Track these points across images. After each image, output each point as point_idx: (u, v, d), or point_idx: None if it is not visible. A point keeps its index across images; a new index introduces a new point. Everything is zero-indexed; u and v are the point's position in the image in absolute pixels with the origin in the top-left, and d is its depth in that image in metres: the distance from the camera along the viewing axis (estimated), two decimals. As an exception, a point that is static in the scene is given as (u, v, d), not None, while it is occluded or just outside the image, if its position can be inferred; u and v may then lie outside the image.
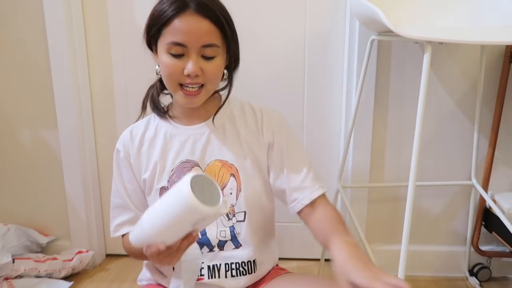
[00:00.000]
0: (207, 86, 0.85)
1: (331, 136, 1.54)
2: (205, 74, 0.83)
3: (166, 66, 0.83)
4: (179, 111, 0.94)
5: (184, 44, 0.80)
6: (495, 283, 1.51)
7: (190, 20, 0.80)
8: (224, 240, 0.90)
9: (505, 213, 1.32)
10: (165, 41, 0.82)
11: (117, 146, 0.95)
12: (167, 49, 0.82)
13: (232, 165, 0.90)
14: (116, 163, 0.95)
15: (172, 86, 0.85)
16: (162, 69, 0.85)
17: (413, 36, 0.89)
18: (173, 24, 0.80)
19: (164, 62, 0.83)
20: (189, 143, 0.91)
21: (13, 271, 1.41)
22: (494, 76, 1.40)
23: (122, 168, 0.94)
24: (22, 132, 1.59)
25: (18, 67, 1.52)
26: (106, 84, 1.55)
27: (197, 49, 0.81)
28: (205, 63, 0.82)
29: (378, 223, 1.57)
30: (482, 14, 1.18)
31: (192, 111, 0.92)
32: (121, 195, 0.94)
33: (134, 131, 0.95)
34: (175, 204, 0.67)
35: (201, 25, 0.80)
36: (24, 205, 1.65)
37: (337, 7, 1.43)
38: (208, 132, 0.91)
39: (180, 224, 0.69)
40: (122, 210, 0.94)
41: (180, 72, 0.82)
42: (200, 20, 0.80)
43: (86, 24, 1.50)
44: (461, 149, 1.48)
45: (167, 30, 0.81)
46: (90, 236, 1.63)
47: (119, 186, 0.94)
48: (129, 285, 1.51)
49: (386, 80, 1.44)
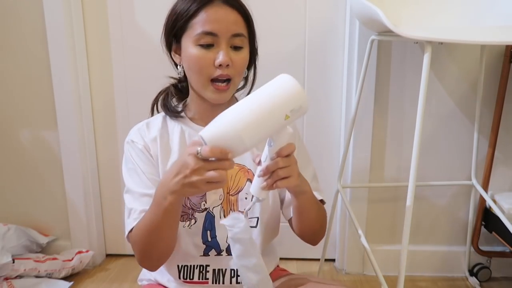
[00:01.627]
0: (234, 80, 0.84)
1: (331, 136, 1.54)
2: (234, 65, 0.82)
3: (196, 59, 0.81)
4: (198, 112, 0.90)
5: (214, 33, 0.79)
6: (495, 283, 1.51)
7: (219, 9, 0.80)
8: None
9: (505, 213, 1.32)
10: (193, 33, 0.80)
11: (130, 138, 0.89)
12: (196, 41, 0.80)
13: (249, 170, 0.89)
14: (129, 156, 0.88)
15: (202, 82, 0.82)
16: (190, 64, 0.83)
17: (413, 36, 0.89)
18: (201, 14, 0.79)
19: (193, 55, 0.81)
20: None
21: (13, 271, 1.41)
22: (494, 76, 1.40)
23: (141, 158, 0.87)
24: (22, 132, 1.59)
25: (18, 67, 1.52)
26: (106, 84, 1.55)
27: (227, 38, 0.80)
28: (234, 53, 0.81)
29: (378, 223, 1.57)
30: (482, 14, 1.18)
31: (211, 113, 0.85)
32: (147, 184, 0.85)
33: (151, 124, 0.91)
34: (273, 92, 0.66)
35: (230, 15, 0.80)
36: (24, 205, 1.65)
37: (337, 7, 1.43)
38: None
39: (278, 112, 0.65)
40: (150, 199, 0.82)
41: (210, 64, 0.80)
42: (228, 10, 0.80)
43: (86, 24, 1.50)
44: (461, 149, 1.48)
45: (194, 22, 0.80)
46: (90, 236, 1.63)
47: (142, 176, 0.86)
48: (129, 285, 1.51)
49: (386, 80, 1.44)
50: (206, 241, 0.89)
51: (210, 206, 0.88)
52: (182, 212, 0.87)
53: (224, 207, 0.89)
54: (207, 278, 0.89)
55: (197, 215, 0.88)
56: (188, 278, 0.90)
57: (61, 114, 1.52)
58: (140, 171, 0.86)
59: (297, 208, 0.85)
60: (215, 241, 0.89)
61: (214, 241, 0.89)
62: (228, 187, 0.89)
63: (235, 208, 0.89)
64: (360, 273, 1.59)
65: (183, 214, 0.88)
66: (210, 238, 0.89)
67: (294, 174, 0.72)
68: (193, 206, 0.88)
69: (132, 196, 0.86)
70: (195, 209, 0.88)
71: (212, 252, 0.89)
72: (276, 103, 0.65)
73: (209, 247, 0.89)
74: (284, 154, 0.70)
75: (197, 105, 0.90)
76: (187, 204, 0.88)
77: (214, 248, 0.89)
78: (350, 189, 1.53)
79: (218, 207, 0.89)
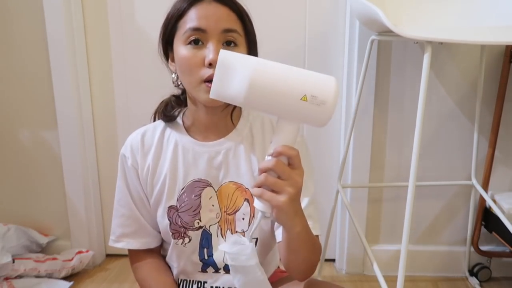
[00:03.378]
0: None
1: (331, 136, 1.54)
2: None
3: (185, 59, 0.75)
4: (195, 125, 0.86)
5: (203, 29, 0.74)
6: (495, 283, 1.51)
7: (208, 6, 0.75)
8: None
9: (505, 213, 1.32)
10: (182, 32, 0.76)
11: (123, 151, 0.87)
12: (185, 40, 0.75)
13: (246, 190, 0.84)
14: (121, 170, 0.87)
15: (193, 83, 0.76)
16: (181, 66, 0.77)
17: (413, 36, 0.88)
18: (189, 13, 0.75)
19: (182, 55, 0.75)
20: (204, 160, 0.84)
21: (13, 271, 1.41)
22: (494, 76, 1.40)
23: (128, 176, 0.86)
24: (22, 132, 1.59)
25: (18, 67, 1.52)
26: (106, 84, 1.55)
27: (218, 34, 0.74)
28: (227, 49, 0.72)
29: (378, 223, 1.57)
30: (482, 14, 1.18)
31: (209, 126, 0.84)
32: (128, 204, 0.87)
33: (146, 137, 0.87)
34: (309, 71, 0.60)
35: (220, 10, 0.75)
36: (24, 205, 1.65)
37: (337, 7, 1.43)
38: (225, 150, 0.84)
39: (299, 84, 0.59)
40: (127, 220, 0.87)
41: (201, 64, 0.74)
42: (218, 6, 0.76)
43: (86, 24, 1.50)
44: (461, 149, 1.48)
45: (183, 21, 0.76)
46: (90, 236, 1.63)
47: (125, 194, 0.87)
48: (129, 285, 1.51)
49: (386, 80, 1.44)
50: (203, 259, 0.86)
51: (206, 224, 0.85)
52: (174, 230, 0.85)
53: (222, 226, 0.85)
54: None
55: (190, 233, 0.85)
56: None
57: (61, 114, 1.52)
58: (125, 189, 0.87)
59: (285, 242, 0.74)
60: (211, 259, 0.86)
61: (211, 260, 0.86)
62: (225, 205, 0.85)
63: (233, 228, 0.85)
64: (360, 273, 1.59)
65: (174, 232, 0.85)
66: (207, 256, 0.86)
67: (285, 194, 0.62)
68: (184, 224, 0.84)
69: (115, 210, 0.89)
70: (187, 227, 0.85)
71: (209, 269, 0.87)
72: (304, 75, 0.60)
73: (206, 265, 0.87)
74: (280, 151, 0.62)
75: (194, 115, 0.85)
76: (178, 222, 0.85)
77: (212, 266, 0.87)
78: (350, 189, 1.52)
79: (215, 225, 0.85)
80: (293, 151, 0.63)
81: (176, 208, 0.84)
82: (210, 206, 0.84)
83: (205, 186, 0.84)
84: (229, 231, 0.85)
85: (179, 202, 0.84)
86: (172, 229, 0.85)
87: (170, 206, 0.85)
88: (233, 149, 0.84)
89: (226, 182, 0.84)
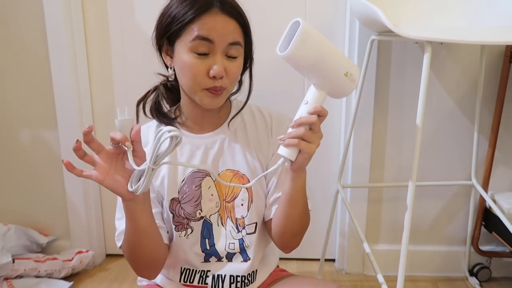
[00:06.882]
0: (228, 88, 0.83)
1: (331, 136, 1.54)
2: (228, 74, 0.80)
3: (189, 66, 0.78)
4: (190, 118, 0.89)
5: (211, 40, 0.77)
6: (495, 283, 1.51)
7: (217, 18, 0.77)
8: (232, 253, 0.89)
9: (505, 213, 1.32)
10: (188, 39, 0.77)
11: None
12: (191, 47, 0.78)
13: (243, 175, 0.88)
14: None
15: (194, 89, 0.80)
16: (183, 70, 0.80)
17: (413, 36, 0.89)
18: (199, 21, 0.77)
19: (186, 62, 0.78)
20: (200, 152, 0.88)
21: (13, 271, 1.41)
22: (494, 76, 1.40)
23: None
24: (22, 132, 1.59)
25: (18, 67, 1.52)
26: (106, 84, 1.55)
27: (223, 47, 0.78)
28: (229, 63, 0.80)
29: (378, 223, 1.57)
30: (482, 14, 1.18)
31: (204, 119, 0.88)
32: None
33: (142, 134, 0.86)
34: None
35: (228, 23, 0.78)
36: (24, 205, 1.65)
37: (337, 7, 1.43)
38: (220, 140, 0.88)
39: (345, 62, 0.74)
40: None
41: (204, 74, 0.78)
42: (226, 18, 0.78)
43: (86, 24, 1.50)
44: (461, 149, 1.48)
45: (190, 28, 0.77)
46: (90, 236, 1.63)
47: None
48: (129, 285, 1.51)
49: (386, 80, 1.44)
50: (205, 250, 0.88)
51: (207, 214, 0.88)
52: (177, 222, 0.88)
53: (221, 215, 0.88)
54: (206, 282, 0.89)
55: (193, 224, 0.88)
56: (189, 281, 0.90)
57: (61, 114, 1.52)
58: None
59: (287, 196, 0.80)
60: (213, 249, 0.88)
61: (213, 249, 0.88)
62: (223, 193, 0.88)
63: (232, 215, 0.89)
64: (360, 273, 1.59)
65: (178, 224, 0.88)
66: (209, 246, 0.88)
67: (315, 144, 0.73)
68: (187, 215, 0.87)
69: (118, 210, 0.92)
70: (190, 218, 0.87)
71: (212, 258, 0.89)
72: (346, 57, 0.77)
73: (208, 255, 0.89)
74: (319, 111, 0.72)
75: (188, 110, 0.88)
76: (181, 214, 0.87)
77: (214, 256, 0.89)
78: (350, 189, 1.52)
79: (215, 214, 0.88)
80: (326, 111, 0.74)
81: (178, 200, 0.87)
82: (210, 195, 0.88)
83: (204, 176, 0.87)
84: (229, 219, 0.88)
85: (180, 194, 0.87)
86: (175, 222, 0.88)
87: (172, 198, 0.87)
88: (228, 138, 0.89)
89: (223, 170, 0.88)
